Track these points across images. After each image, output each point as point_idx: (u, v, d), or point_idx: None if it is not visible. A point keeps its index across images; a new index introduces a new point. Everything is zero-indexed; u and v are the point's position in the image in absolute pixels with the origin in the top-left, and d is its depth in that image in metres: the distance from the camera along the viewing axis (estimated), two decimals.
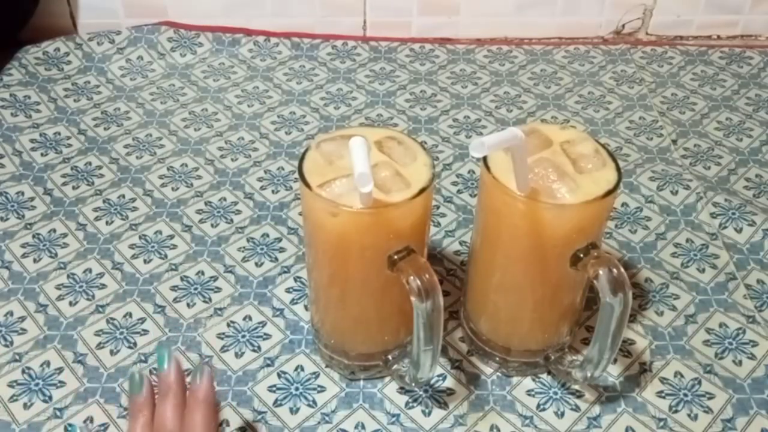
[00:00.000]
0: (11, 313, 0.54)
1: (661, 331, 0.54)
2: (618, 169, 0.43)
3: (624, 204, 0.65)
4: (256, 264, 0.59)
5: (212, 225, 0.62)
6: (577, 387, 0.50)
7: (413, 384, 0.46)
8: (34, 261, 0.58)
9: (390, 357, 0.49)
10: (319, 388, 0.50)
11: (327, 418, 0.48)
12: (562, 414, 0.48)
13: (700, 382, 0.50)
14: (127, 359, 0.51)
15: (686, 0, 0.87)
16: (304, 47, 0.86)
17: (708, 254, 0.60)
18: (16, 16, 0.82)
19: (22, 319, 0.54)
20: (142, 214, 0.63)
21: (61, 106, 0.76)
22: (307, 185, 0.41)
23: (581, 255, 0.42)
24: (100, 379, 0.50)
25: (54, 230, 0.61)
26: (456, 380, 0.50)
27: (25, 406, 0.48)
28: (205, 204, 0.64)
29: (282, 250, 0.60)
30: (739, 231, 0.61)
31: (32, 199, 0.64)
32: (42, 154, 0.69)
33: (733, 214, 0.63)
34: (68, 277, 0.57)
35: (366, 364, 0.49)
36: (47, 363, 0.51)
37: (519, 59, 0.86)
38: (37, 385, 0.49)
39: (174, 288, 0.56)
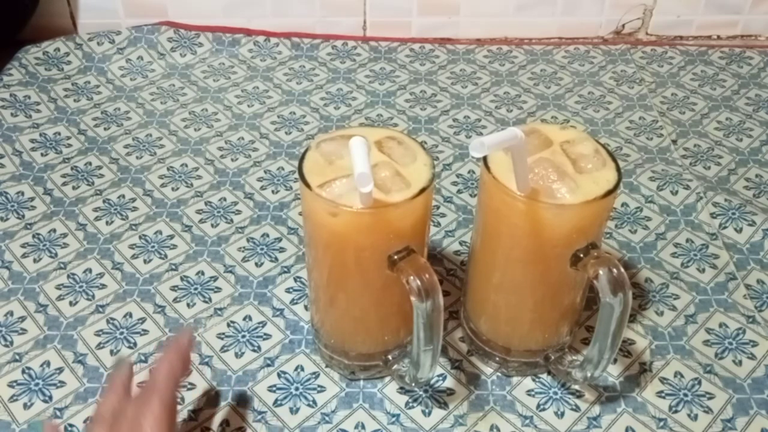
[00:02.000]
0: (11, 313, 0.54)
1: (661, 331, 0.54)
2: (618, 169, 0.43)
3: (624, 204, 0.65)
4: (256, 264, 0.59)
5: (212, 225, 0.62)
6: (577, 387, 0.50)
7: (413, 384, 0.46)
8: (34, 261, 0.58)
9: (390, 357, 0.49)
10: (319, 388, 0.50)
11: (327, 418, 0.48)
12: (562, 414, 0.48)
13: (700, 382, 0.50)
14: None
15: (686, 0, 0.87)
16: (304, 47, 0.86)
17: (708, 254, 0.60)
18: (16, 16, 0.82)
19: (22, 319, 0.54)
20: (142, 214, 0.63)
21: (61, 106, 0.76)
22: (307, 185, 0.41)
23: (581, 255, 0.42)
24: (100, 379, 0.50)
25: (54, 230, 0.61)
26: (456, 380, 0.50)
27: (25, 406, 0.48)
28: (205, 204, 0.64)
29: (282, 250, 0.60)
30: (739, 231, 0.61)
31: (32, 199, 0.64)
32: (42, 154, 0.69)
33: (733, 214, 0.63)
34: (68, 277, 0.57)
35: (366, 364, 0.49)
36: (47, 363, 0.51)
37: (519, 59, 0.86)
38: (37, 385, 0.49)
39: (174, 288, 0.56)
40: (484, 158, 0.43)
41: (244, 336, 0.53)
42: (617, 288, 0.40)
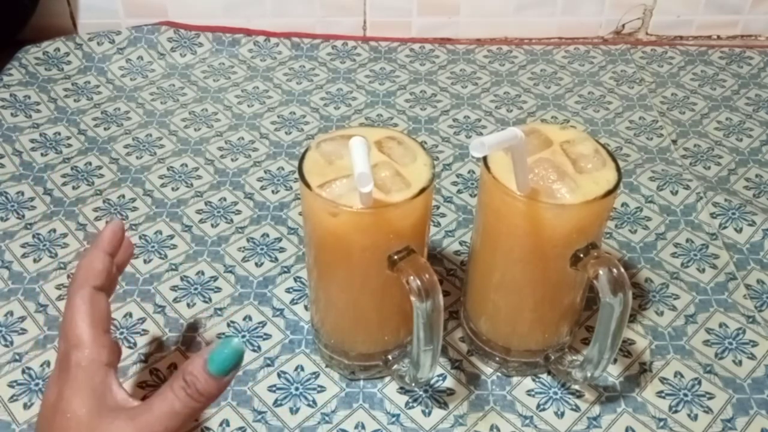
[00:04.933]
0: (11, 313, 0.54)
1: (661, 331, 0.54)
2: (618, 169, 0.43)
3: (624, 204, 0.65)
4: (256, 264, 0.59)
5: (212, 225, 0.62)
6: (577, 387, 0.50)
7: (413, 384, 0.45)
8: (34, 261, 0.58)
9: (390, 357, 0.49)
10: (319, 388, 0.50)
11: (327, 418, 0.48)
12: (562, 414, 0.48)
13: (700, 382, 0.50)
14: (127, 359, 0.51)
15: (686, 0, 0.88)
16: (304, 47, 0.86)
17: (708, 254, 0.60)
18: (16, 16, 0.82)
19: (22, 319, 0.54)
20: (142, 214, 0.63)
21: (61, 106, 0.76)
22: (307, 185, 0.41)
23: (581, 255, 0.42)
24: None
25: (54, 230, 0.61)
26: (456, 380, 0.50)
27: (25, 406, 0.48)
28: (205, 204, 0.64)
29: (282, 250, 0.60)
30: (739, 231, 0.61)
31: (32, 199, 0.64)
32: (42, 154, 0.69)
33: (733, 214, 0.63)
34: (68, 277, 0.57)
35: (366, 364, 0.49)
36: (47, 363, 0.51)
37: (519, 59, 0.86)
38: (37, 385, 0.49)
39: (174, 288, 0.56)
40: (484, 158, 0.43)
41: (244, 336, 0.53)
42: (617, 288, 0.40)
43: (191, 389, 0.34)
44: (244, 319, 0.54)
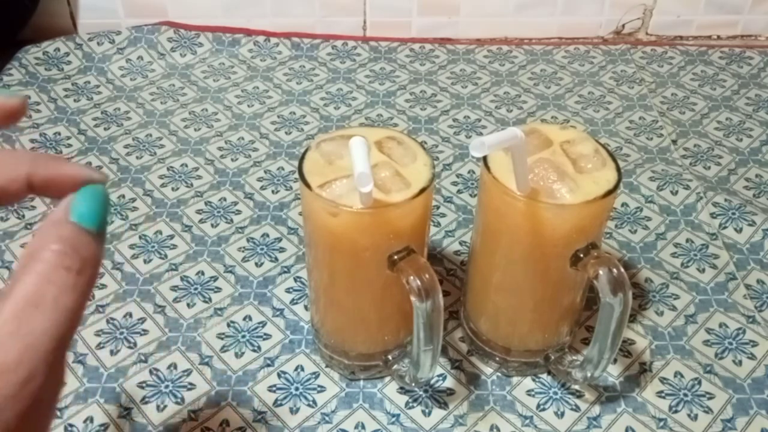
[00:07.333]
0: None
1: (661, 331, 0.54)
2: (618, 169, 0.43)
3: (624, 204, 0.65)
4: (256, 264, 0.59)
5: (212, 225, 0.62)
6: (577, 387, 0.50)
7: (413, 384, 0.46)
8: None
9: (390, 357, 0.49)
10: (319, 388, 0.50)
11: (327, 418, 0.48)
12: (562, 414, 0.48)
13: (700, 382, 0.50)
14: (127, 359, 0.51)
15: (686, 0, 0.88)
16: (304, 47, 0.86)
17: (708, 254, 0.60)
18: (16, 16, 0.82)
19: None
20: (142, 214, 0.63)
21: (61, 106, 0.76)
22: (307, 185, 0.41)
23: (581, 255, 0.42)
24: (100, 379, 0.50)
25: None
26: (456, 380, 0.50)
27: None
28: (205, 204, 0.64)
29: (282, 250, 0.60)
30: (739, 231, 0.61)
31: (32, 199, 0.64)
32: None
33: (733, 214, 0.63)
34: None
35: (366, 364, 0.49)
36: None
37: (519, 59, 0.86)
38: None
39: (174, 288, 0.56)
40: (484, 158, 0.43)
41: (244, 336, 0.53)
42: (617, 288, 0.40)
43: (75, 260, 0.20)
44: (244, 319, 0.54)
